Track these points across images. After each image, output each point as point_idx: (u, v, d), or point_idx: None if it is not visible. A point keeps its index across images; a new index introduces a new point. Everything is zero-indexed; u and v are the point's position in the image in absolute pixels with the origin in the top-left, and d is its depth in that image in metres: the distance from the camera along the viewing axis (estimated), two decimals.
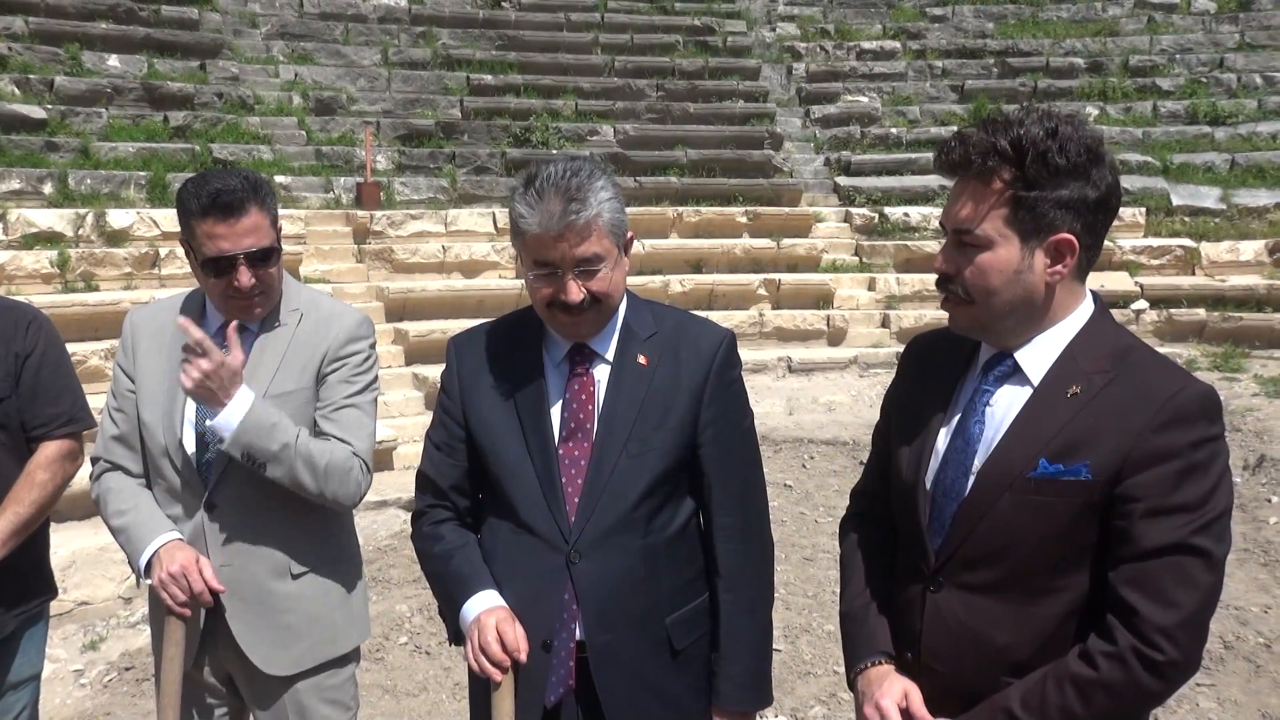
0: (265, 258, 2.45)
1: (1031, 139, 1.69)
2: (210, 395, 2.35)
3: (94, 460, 2.63)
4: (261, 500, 2.49)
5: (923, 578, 1.87)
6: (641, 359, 2.18)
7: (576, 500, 2.15)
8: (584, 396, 2.18)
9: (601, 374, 2.20)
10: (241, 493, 2.49)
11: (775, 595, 2.37)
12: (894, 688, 1.85)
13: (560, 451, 2.17)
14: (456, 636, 2.22)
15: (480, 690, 2.22)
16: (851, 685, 1.99)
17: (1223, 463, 1.69)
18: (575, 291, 2.05)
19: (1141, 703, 1.69)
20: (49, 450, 2.73)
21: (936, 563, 1.85)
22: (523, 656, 2.07)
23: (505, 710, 2.08)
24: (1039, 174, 1.69)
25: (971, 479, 1.81)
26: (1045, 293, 1.77)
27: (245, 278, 2.42)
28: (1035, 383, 1.79)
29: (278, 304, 2.58)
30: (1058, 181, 1.70)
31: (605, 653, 2.13)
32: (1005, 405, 1.82)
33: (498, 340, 2.29)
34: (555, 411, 2.19)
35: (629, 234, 2.16)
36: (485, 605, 2.14)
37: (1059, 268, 1.75)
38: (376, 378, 2.66)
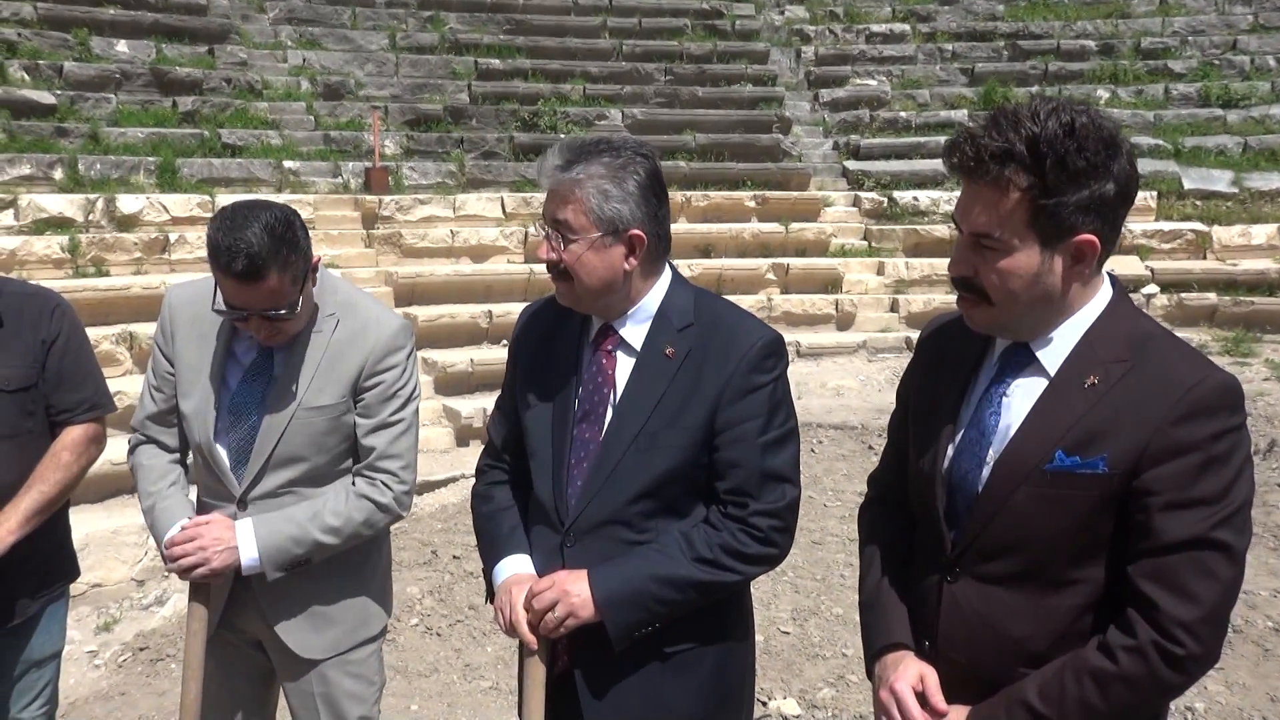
0: (282, 315, 2.35)
1: (1049, 139, 1.61)
2: (216, 563, 2.40)
3: (131, 430, 2.68)
4: (293, 499, 2.51)
5: (940, 568, 1.86)
6: (669, 350, 2.10)
7: (580, 484, 2.12)
8: (601, 379, 2.14)
9: (627, 361, 2.14)
10: (273, 492, 2.51)
11: (784, 579, 2.30)
12: (909, 671, 1.85)
13: (574, 433, 2.15)
14: (491, 596, 2.24)
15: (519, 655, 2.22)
16: (870, 673, 1.98)
17: (1244, 454, 1.66)
18: (545, 249, 2.07)
19: (1160, 696, 1.68)
20: (75, 433, 2.76)
21: (953, 553, 1.83)
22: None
23: (536, 679, 2.10)
24: (1058, 179, 1.63)
25: (987, 470, 1.78)
26: (1065, 290, 1.73)
27: (260, 331, 2.39)
28: (1052, 373, 1.76)
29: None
30: (1078, 184, 1.63)
31: (591, 641, 2.08)
32: (1021, 396, 1.78)
33: (553, 313, 2.27)
34: (579, 391, 2.18)
35: (630, 231, 2.04)
36: (511, 571, 2.17)
37: (1080, 267, 1.72)
38: (416, 385, 2.62)
